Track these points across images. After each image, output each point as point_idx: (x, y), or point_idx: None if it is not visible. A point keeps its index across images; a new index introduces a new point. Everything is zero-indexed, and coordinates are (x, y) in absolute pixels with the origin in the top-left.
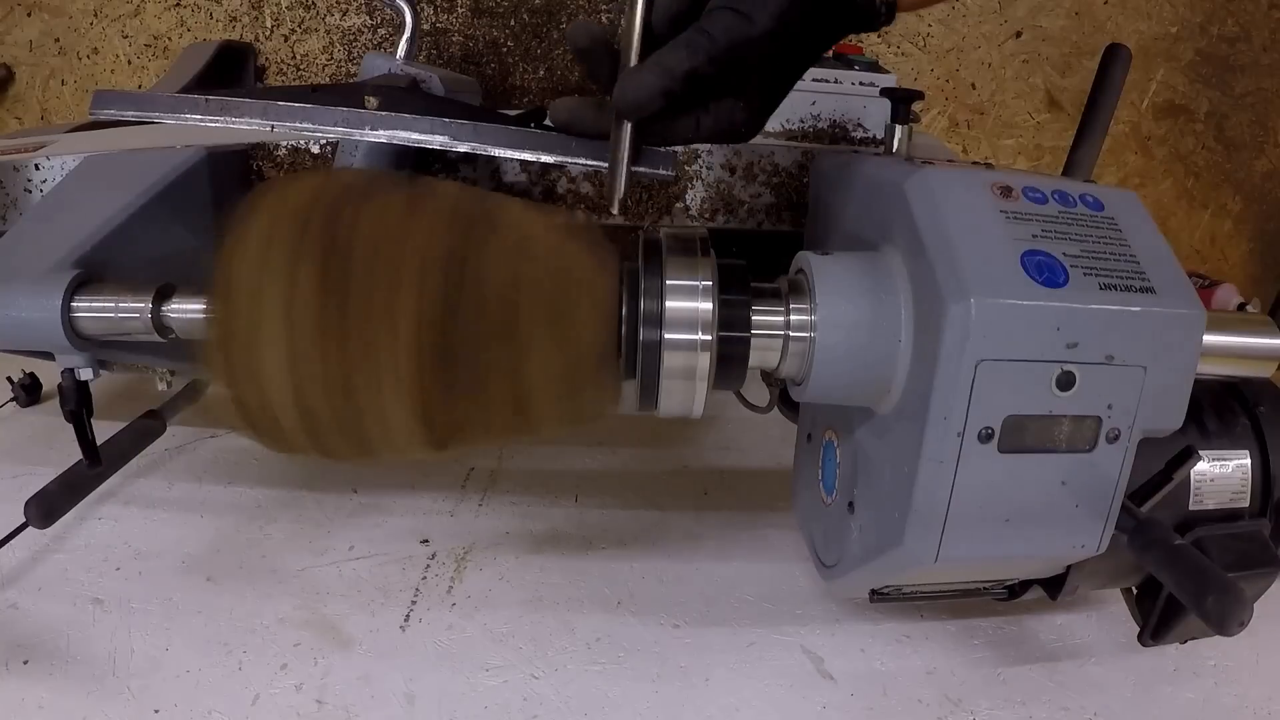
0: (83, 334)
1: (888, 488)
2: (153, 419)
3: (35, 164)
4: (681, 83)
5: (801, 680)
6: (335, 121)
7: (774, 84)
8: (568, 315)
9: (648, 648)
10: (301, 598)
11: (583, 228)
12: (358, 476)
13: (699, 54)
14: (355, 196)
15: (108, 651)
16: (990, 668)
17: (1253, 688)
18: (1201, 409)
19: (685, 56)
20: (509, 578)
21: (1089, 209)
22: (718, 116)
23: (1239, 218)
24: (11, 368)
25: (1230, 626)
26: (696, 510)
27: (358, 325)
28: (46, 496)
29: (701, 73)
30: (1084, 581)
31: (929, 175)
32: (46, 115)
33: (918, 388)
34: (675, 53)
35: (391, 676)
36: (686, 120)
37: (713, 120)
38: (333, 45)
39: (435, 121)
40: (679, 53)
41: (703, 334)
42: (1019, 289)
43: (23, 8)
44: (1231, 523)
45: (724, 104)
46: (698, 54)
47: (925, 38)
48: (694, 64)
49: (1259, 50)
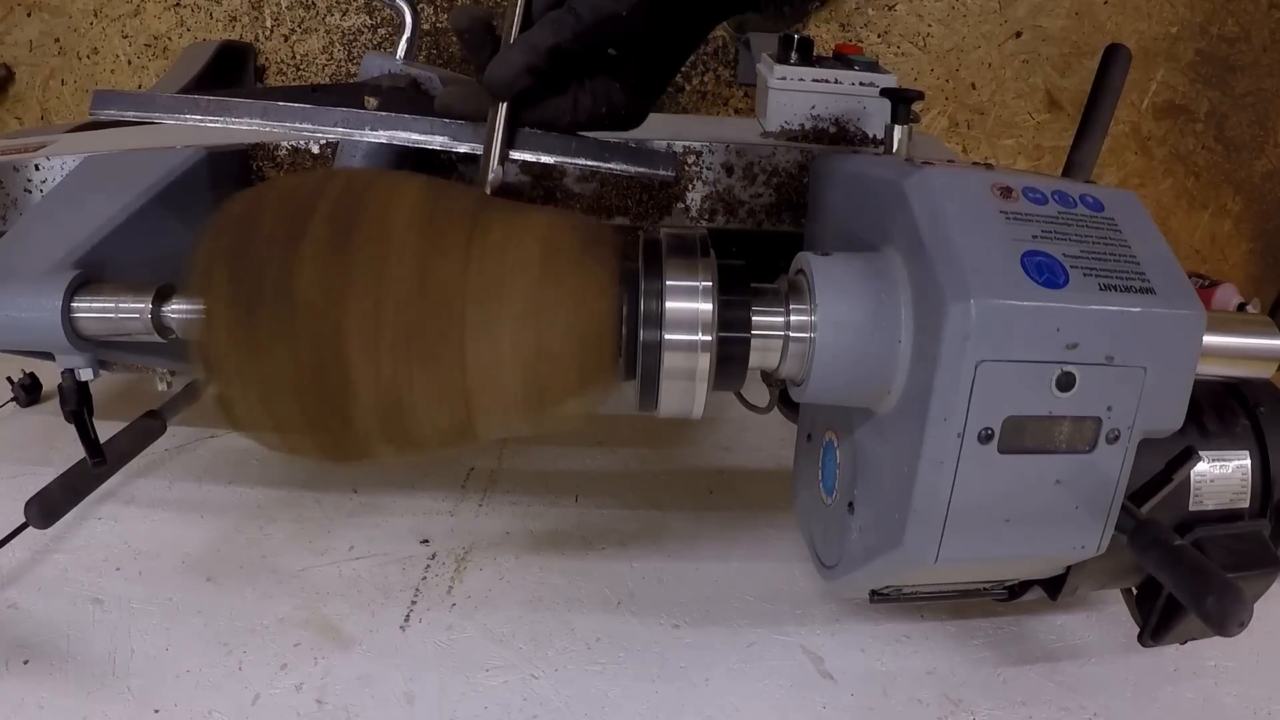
0: (83, 334)
1: (887, 488)
2: (153, 419)
3: (35, 164)
4: (546, 59)
5: (801, 680)
6: (335, 121)
7: (655, 64)
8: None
9: (648, 648)
10: (301, 598)
11: (582, 228)
12: (358, 476)
13: (564, 30)
14: (354, 198)
15: (108, 651)
16: (990, 668)
17: (1253, 688)
18: (1201, 409)
19: (550, 33)
20: (509, 578)
21: (1089, 209)
22: (595, 97)
23: (1239, 218)
24: (11, 368)
25: (1230, 627)
26: (697, 510)
27: (357, 330)
28: (46, 496)
29: (566, 49)
30: (1084, 582)
31: (929, 175)
32: (46, 115)
33: (918, 388)
34: (541, 30)
35: (391, 676)
36: (562, 101)
37: (590, 101)
38: (333, 45)
39: (435, 122)
40: (545, 29)
41: (703, 334)
42: (1019, 290)
43: (23, 8)
44: (1231, 523)
45: (600, 84)
46: (563, 30)
47: (925, 38)
48: (558, 40)
49: (1259, 50)
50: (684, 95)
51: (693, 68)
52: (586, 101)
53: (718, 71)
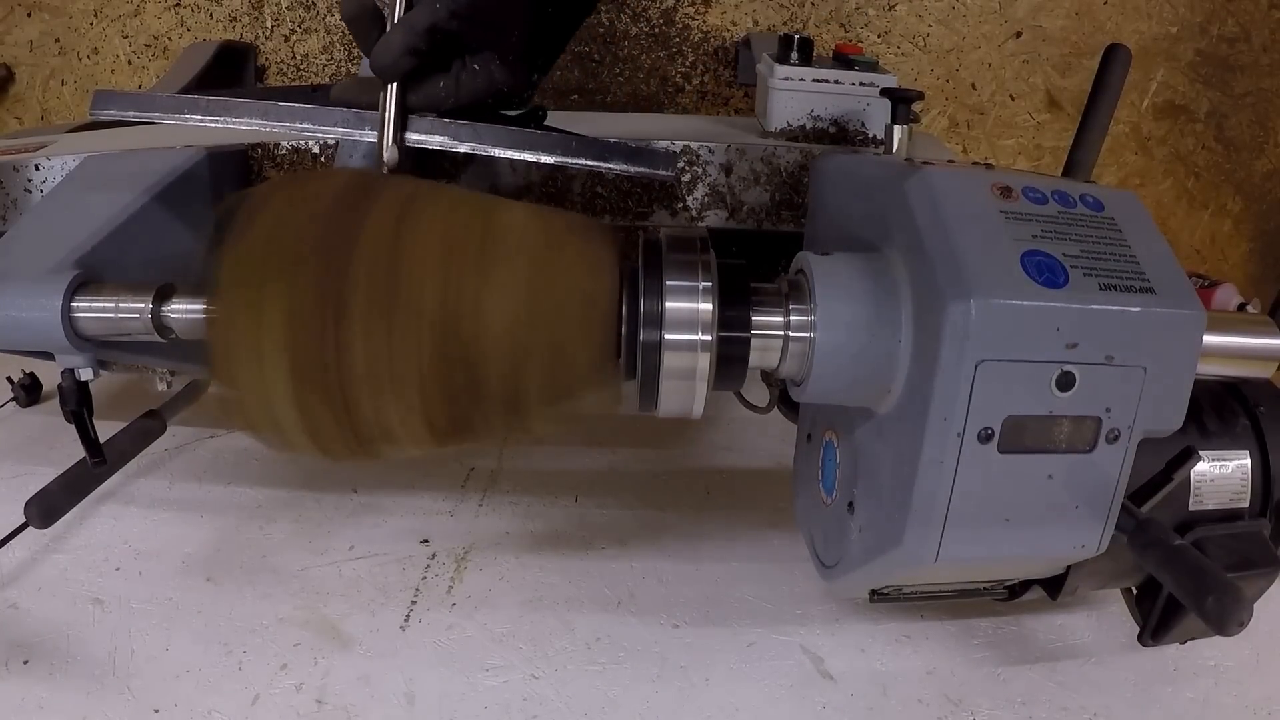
0: (83, 334)
1: (887, 488)
2: (153, 419)
3: (35, 164)
4: (425, 38)
5: (801, 680)
6: (335, 121)
7: (538, 40)
8: (566, 319)
9: (648, 648)
10: (301, 598)
11: (583, 228)
12: (358, 476)
13: (441, 9)
14: (355, 200)
15: (108, 651)
16: (990, 668)
17: (1253, 688)
18: (1201, 409)
19: (427, 13)
20: (509, 578)
21: (1089, 209)
22: (476, 74)
23: (1239, 218)
24: (11, 368)
25: (1230, 626)
26: (697, 510)
27: (359, 329)
28: (46, 496)
29: (443, 27)
30: (1084, 581)
31: (929, 175)
32: (46, 115)
33: (917, 388)
34: (419, 10)
35: (391, 676)
36: (447, 80)
37: (471, 78)
38: (333, 45)
39: (435, 122)
40: (422, 10)
41: (703, 334)
42: (1019, 289)
43: (23, 8)
44: (1231, 523)
45: (481, 61)
46: (439, 10)
47: (925, 38)
48: (434, 19)
49: (1259, 50)
50: (684, 95)
51: (693, 68)
52: (469, 79)
53: (718, 71)
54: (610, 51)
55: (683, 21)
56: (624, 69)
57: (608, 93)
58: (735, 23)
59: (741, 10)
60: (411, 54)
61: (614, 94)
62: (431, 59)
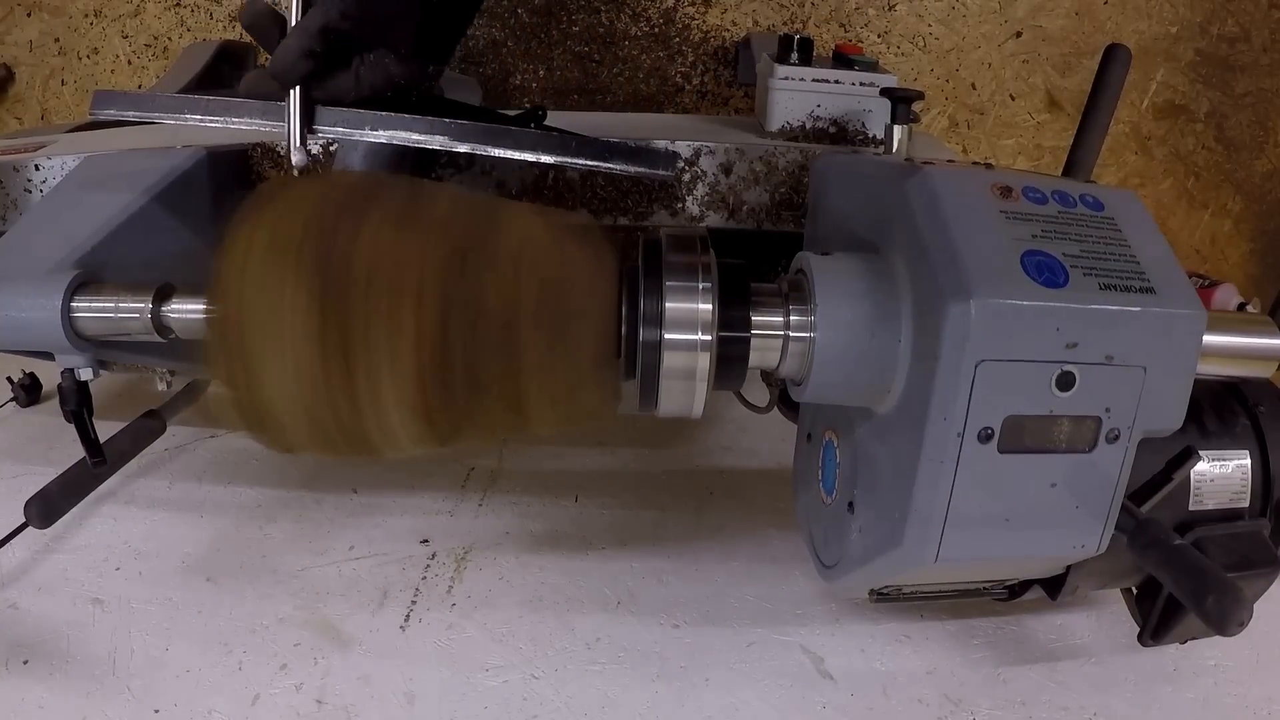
0: (83, 334)
1: (887, 488)
2: (153, 419)
3: (35, 164)
4: (319, 39)
5: (801, 680)
6: (335, 122)
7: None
8: (566, 319)
9: (648, 648)
10: (301, 598)
11: (582, 229)
12: (358, 476)
13: (331, 10)
14: (356, 202)
15: (108, 651)
16: (990, 668)
17: (1253, 688)
18: (1201, 409)
19: (319, 15)
20: (509, 578)
21: (1089, 209)
22: (374, 69)
23: (1239, 218)
24: (11, 368)
25: (1230, 626)
26: (697, 510)
27: (360, 331)
28: (46, 496)
29: (335, 27)
30: (1084, 581)
31: (929, 175)
32: (46, 115)
33: (917, 388)
34: (312, 13)
35: (391, 676)
36: (346, 76)
37: (370, 72)
38: None
39: (435, 122)
40: (315, 12)
41: (703, 334)
42: (1019, 289)
43: (23, 8)
44: (1231, 523)
45: (378, 56)
46: (330, 10)
47: (925, 38)
48: (326, 19)
49: (1259, 50)
50: (684, 95)
51: (693, 67)
52: (367, 73)
53: (717, 71)
54: (610, 51)
55: (683, 21)
56: (624, 69)
57: (608, 93)
58: (735, 22)
59: (741, 10)
60: (308, 56)
61: (614, 94)
62: (331, 58)
